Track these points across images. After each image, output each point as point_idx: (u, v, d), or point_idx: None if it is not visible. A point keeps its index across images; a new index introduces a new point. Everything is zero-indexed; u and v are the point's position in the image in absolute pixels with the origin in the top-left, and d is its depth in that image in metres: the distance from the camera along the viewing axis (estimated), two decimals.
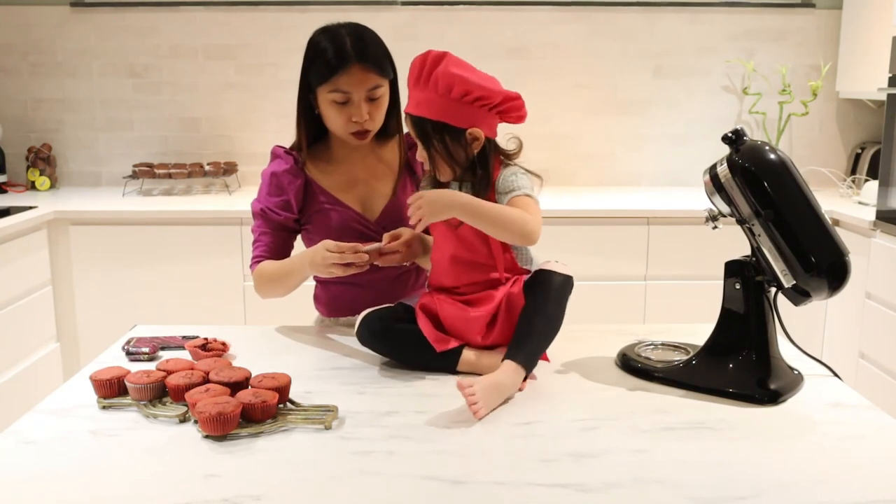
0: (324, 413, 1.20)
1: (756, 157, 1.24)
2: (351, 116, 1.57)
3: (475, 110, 1.38)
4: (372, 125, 1.59)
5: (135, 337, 1.55)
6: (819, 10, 3.41)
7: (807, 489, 0.99)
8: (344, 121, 1.57)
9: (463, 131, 1.38)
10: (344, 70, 1.53)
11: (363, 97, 1.55)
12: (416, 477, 1.03)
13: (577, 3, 3.39)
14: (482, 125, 1.39)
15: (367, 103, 1.57)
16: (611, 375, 1.38)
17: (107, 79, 3.45)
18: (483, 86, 1.36)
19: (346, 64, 1.53)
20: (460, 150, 1.40)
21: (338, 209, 1.65)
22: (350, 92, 1.54)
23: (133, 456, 1.09)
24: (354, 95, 1.55)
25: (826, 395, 1.30)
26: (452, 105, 1.37)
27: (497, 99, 1.38)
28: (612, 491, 0.99)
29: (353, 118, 1.57)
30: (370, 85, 1.55)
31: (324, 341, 1.56)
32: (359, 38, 1.56)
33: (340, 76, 1.53)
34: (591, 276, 2.94)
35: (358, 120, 1.56)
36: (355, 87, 1.54)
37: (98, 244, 2.91)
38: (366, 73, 1.54)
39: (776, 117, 3.40)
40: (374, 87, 1.56)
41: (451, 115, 1.37)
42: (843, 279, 1.22)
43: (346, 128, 1.58)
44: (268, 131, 3.48)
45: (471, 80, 1.35)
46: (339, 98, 1.55)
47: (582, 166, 3.53)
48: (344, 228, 1.64)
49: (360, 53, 1.53)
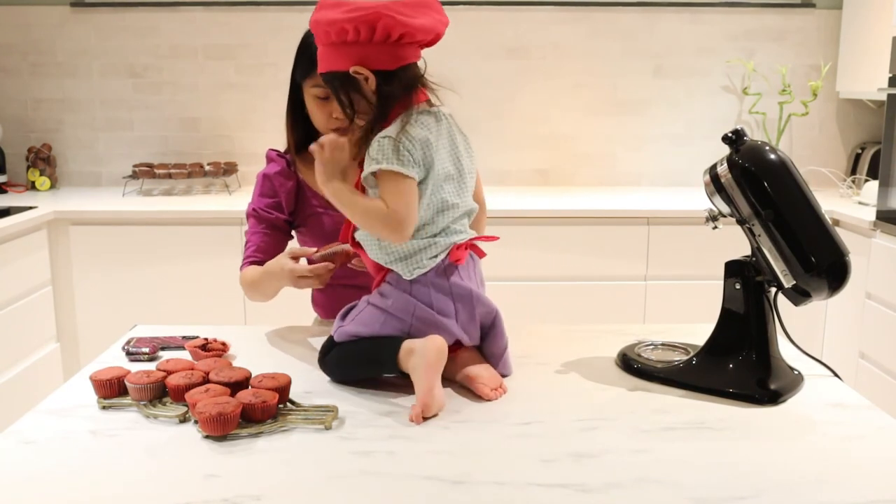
0: (324, 413, 1.20)
1: (756, 157, 1.24)
2: (332, 112, 1.53)
3: (357, 48, 1.24)
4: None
5: (135, 337, 1.55)
6: (819, 10, 3.41)
7: (807, 489, 0.99)
8: (325, 117, 1.55)
9: (350, 77, 1.26)
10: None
11: None
12: (416, 477, 1.03)
13: (577, 3, 3.39)
14: (371, 61, 1.25)
15: None
16: (611, 375, 1.38)
17: (107, 79, 3.45)
18: (347, 18, 1.22)
19: None
20: (360, 97, 1.28)
21: (330, 213, 1.64)
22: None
23: (133, 456, 1.09)
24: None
25: (826, 395, 1.30)
26: (336, 50, 1.26)
27: (367, 26, 1.21)
28: (612, 491, 0.99)
29: (333, 114, 1.53)
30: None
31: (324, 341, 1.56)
32: None
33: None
34: (591, 276, 2.94)
35: (338, 116, 1.51)
36: None
37: (98, 244, 2.91)
38: None
39: (776, 117, 3.40)
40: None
41: (335, 60, 1.27)
42: (843, 279, 1.22)
43: (327, 124, 1.55)
44: (268, 131, 3.49)
45: (335, 19, 1.22)
46: (320, 93, 1.52)
47: (582, 166, 3.53)
48: (337, 233, 1.61)
49: None
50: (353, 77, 1.27)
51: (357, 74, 1.27)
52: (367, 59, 1.25)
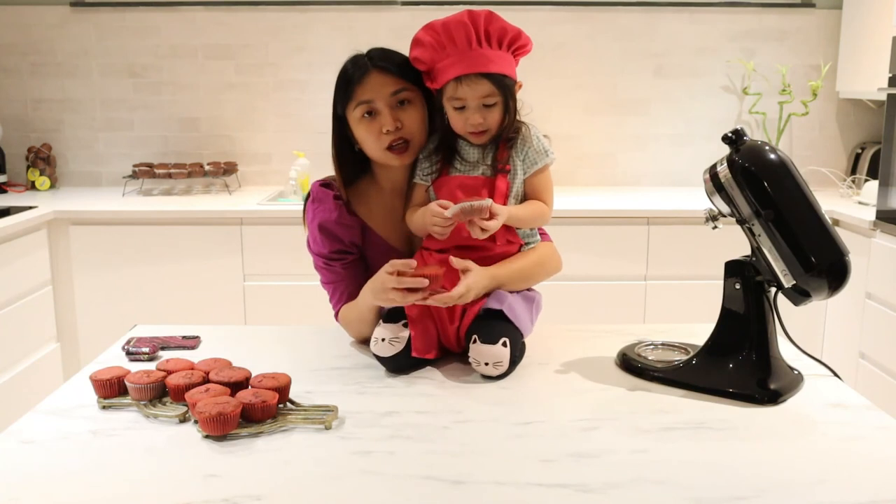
0: (324, 413, 1.20)
1: (756, 157, 1.24)
2: (381, 127, 1.44)
3: (517, 59, 1.45)
4: (407, 133, 1.45)
5: (135, 337, 1.55)
6: (819, 10, 3.41)
7: (807, 489, 0.99)
8: (375, 135, 1.44)
9: (514, 82, 1.44)
10: (360, 80, 1.43)
11: (387, 103, 1.43)
12: (416, 477, 1.03)
13: (577, 3, 3.39)
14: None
15: (394, 109, 1.44)
16: (611, 375, 1.38)
17: (107, 79, 3.45)
18: (519, 31, 1.42)
19: (363, 73, 1.44)
20: (512, 102, 1.44)
21: (391, 244, 1.54)
22: (372, 100, 1.43)
23: (133, 456, 1.09)
24: (377, 103, 1.43)
25: (826, 395, 1.30)
26: (511, 59, 1.43)
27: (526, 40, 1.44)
28: (612, 491, 0.99)
29: (383, 129, 1.43)
30: (392, 89, 1.43)
31: (324, 341, 1.56)
32: (379, 51, 1.48)
33: (359, 87, 1.43)
34: (591, 276, 2.94)
35: (389, 129, 1.43)
36: (376, 93, 1.43)
37: (98, 244, 2.91)
38: (384, 77, 1.43)
39: (776, 117, 3.40)
40: (397, 90, 1.44)
41: (509, 65, 1.43)
42: (843, 279, 1.22)
43: (379, 143, 1.45)
44: (268, 131, 3.49)
45: (515, 28, 1.41)
46: (363, 110, 1.44)
47: (582, 166, 3.53)
48: (402, 254, 1.54)
49: (376, 60, 1.45)
50: (514, 83, 1.43)
51: (518, 85, 1.45)
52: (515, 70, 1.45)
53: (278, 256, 2.91)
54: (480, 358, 1.33)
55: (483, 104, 1.39)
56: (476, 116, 1.40)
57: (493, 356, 1.33)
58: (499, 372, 1.34)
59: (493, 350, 1.33)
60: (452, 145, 1.47)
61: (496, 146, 1.45)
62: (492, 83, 1.39)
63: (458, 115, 1.42)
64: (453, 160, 1.46)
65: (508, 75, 1.41)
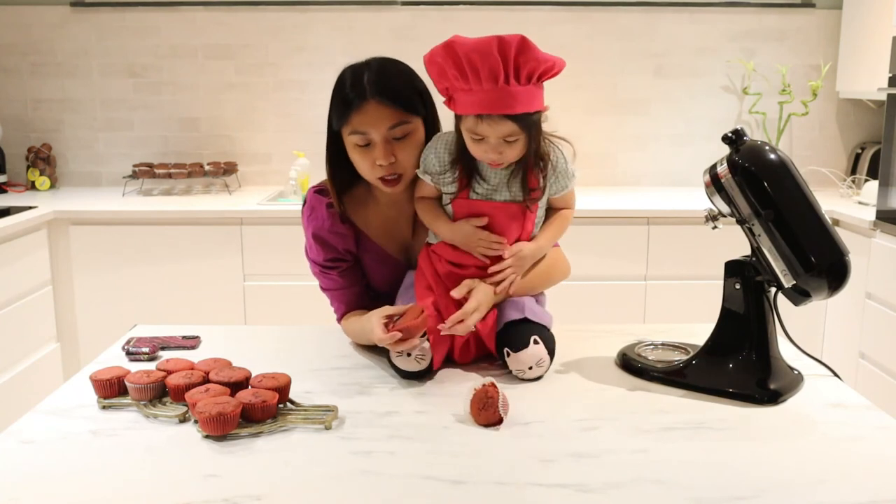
0: (324, 413, 1.20)
1: (756, 157, 1.24)
2: (375, 160, 1.38)
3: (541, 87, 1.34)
4: (401, 168, 1.40)
5: (135, 337, 1.55)
6: (819, 10, 3.41)
7: (807, 489, 0.99)
8: (369, 165, 1.39)
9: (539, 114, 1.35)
10: (358, 108, 1.36)
11: (384, 137, 1.37)
12: (416, 477, 1.03)
13: (577, 3, 3.39)
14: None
15: (390, 143, 1.38)
16: (611, 375, 1.38)
17: (107, 79, 3.45)
18: (551, 59, 1.30)
19: (361, 100, 1.36)
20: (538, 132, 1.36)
21: (382, 260, 1.53)
22: (368, 132, 1.37)
23: (133, 456, 1.09)
24: (374, 135, 1.37)
25: (826, 395, 1.30)
26: (539, 90, 1.33)
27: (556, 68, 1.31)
28: (611, 491, 0.99)
29: (377, 161, 1.38)
30: (390, 123, 1.37)
31: (324, 341, 1.56)
32: (380, 72, 1.38)
33: (356, 115, 1.37)
34: (591, 276, 2.94)
35: (382, 163, 1.38)
36: (373, 127, 1.36)
37: (98, 244, 2.91)
38: (383, 110, 1.36)
39: (776, 117, 3.40)
40: (395, 124, 1.37)
41: (541, 100, 1.34)
42: (843, 279, 1.22)
43: (372, 173, 1.40)
44: (268, 131, 3.49)
45: (548, 59, 1.29)
46: (359, 140, 1.38)
47: (582, 166, 3.51)
48: (393, 283, 1.53)
49: (376, 87, 1.36)
50: (540, 115, 1.35)
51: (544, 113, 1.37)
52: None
53: (278, 256, 2.91)
54: (522, 366, 1.34)
55: (504, 140, 1.31)
56: (494, 154, 1.33)
57: (532, 358, 1.33)
58: (543, 369, 1.35)
59: (529, 353, 1.33)
60: (471, 164, 1.39)
61: (523, 170, 1.38)
62: (515, 123, 1.29)
63: (476, 145, 1.33)
64: (472, 179, 1.40)
65: (535, 111, 1.32)
